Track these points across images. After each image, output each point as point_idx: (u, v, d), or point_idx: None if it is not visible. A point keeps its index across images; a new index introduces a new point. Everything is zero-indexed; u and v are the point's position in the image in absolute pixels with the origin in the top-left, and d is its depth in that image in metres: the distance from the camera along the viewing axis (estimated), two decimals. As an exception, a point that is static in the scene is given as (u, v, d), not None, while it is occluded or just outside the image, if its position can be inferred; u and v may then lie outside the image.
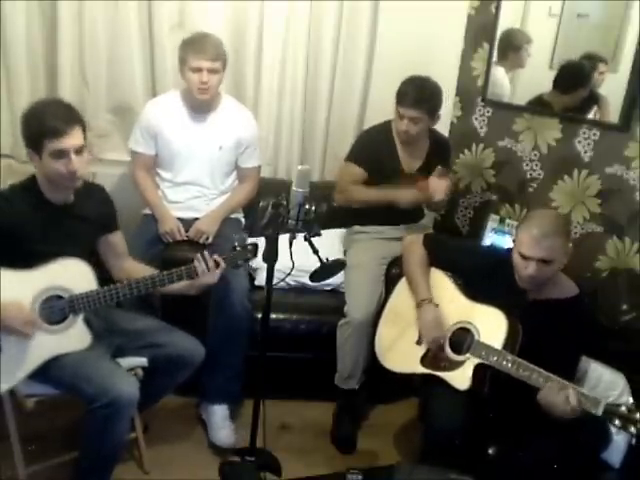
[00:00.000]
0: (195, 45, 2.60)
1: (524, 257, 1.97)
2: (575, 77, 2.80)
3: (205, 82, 2.59)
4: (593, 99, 2.72)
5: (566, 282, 2.10)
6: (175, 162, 2.78)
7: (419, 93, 2.59)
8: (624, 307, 2.37)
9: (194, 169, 2.78)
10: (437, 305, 2.24)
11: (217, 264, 2.11)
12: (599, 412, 1.75)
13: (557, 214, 2.32)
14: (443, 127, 3.18)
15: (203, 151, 2.76)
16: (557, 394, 1.82)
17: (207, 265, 2.09)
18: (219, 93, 2.76)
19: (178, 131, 2.73)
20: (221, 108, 2.77)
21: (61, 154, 1.90)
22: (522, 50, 2.99)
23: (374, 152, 2.74)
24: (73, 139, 1.91)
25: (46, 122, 1.89)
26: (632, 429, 1.69)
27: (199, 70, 2.58)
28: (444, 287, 2.29)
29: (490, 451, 2.05)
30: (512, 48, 3.03)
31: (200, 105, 2.71)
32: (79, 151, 1.93)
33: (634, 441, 1.72)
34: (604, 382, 2.13)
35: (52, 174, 1.93)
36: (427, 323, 2.21)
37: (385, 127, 2.79)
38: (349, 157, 2.80)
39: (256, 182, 2.93)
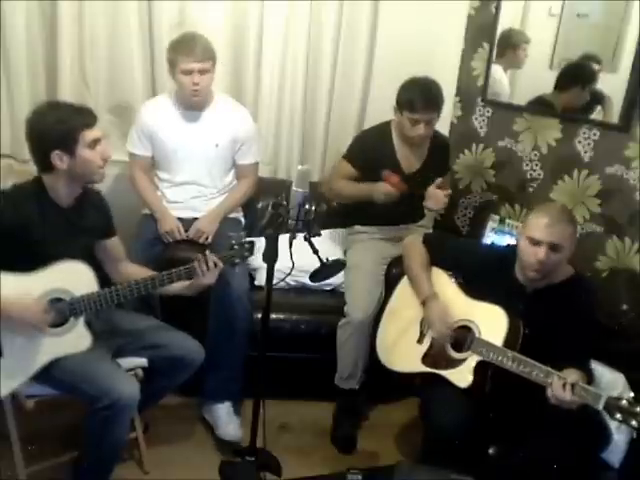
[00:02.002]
0: (183, 47, 2.60)
1: (535, 242, 1.98)
2: (572, 75, 2.80)
3: (197, 83, 2.60)
4: (597, 99, 2.72)
5: (563, 265, 2.10)
6: (172, 162, 2.78)
7: (428, 95, 2.58)
8: (624, 307, 2.36)
9: (192, 168, 2.78)
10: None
11: (215, 264, 2.11)
12: (600, 406, 1.75)
13: (565, 206, 2.35)
14: (443, 127, 3.19)
15: (199, 150, 2.76)
16: (560, 388, 1.82)
17: (207, 266, 2.10)
18: (212, 91, 2.77)
19: (173, 131, 2.74)
20: (215, 106, 2.77)
21: (96, 143, 1.98)
22: (520, 49, 2.99)
23: (372, 154, 2.73)
24: (99, 129, 2.01)
25: (77, 117, 1.96)
26: (633, 422, 1.69)
27: (190, 72, 2.58)
28: (445, 286, 2.29)
29: (490, 451, 2.05)
30: (510, 46, 3.03)
31: (194, 104, 2.71)
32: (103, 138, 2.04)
33: (635, 434, 1.72)
34: (604, 382, 2.13)
35: (87, 165, 1.97)
36: (435, 317, 2.20)
37: (384, 128, 2.78)
38: (345, 155, 2.80)
39: (255, 179, 2.93)
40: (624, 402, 1.71)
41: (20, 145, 2.97)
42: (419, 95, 2.57)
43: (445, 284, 2.30)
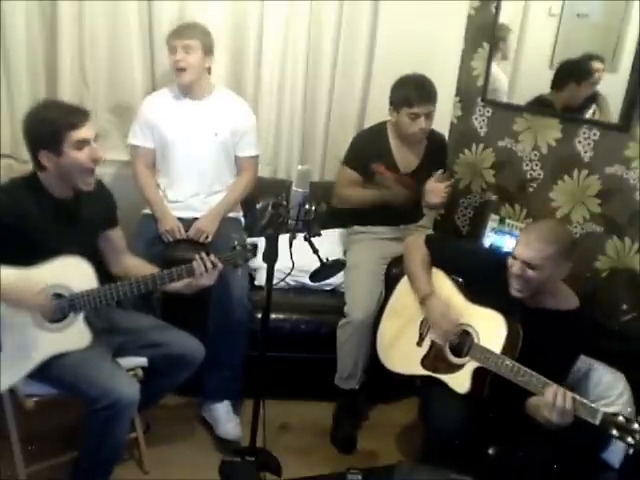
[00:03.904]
0: (173, 29, 2.73)
1: (514, 257, 1.99)
2: (566, 72, 2.80)
3: (179, 60, 2.66)
4: (592, 98, 2.72)
5: (566, 293, 2.08)
6: (172, 153, 2.79)
7: (423, 87, 2.61)
8: (624, 307, 2.36)
9: (191, 160, 2.79)
10: None
11: (214, 265, 2.11)
12: (597, 422, 1.73)
13: (561, 226, 2.33)
14: (443, 127, 3.19)
15: (199, 138, 2.77)
16: (559, 397, 1.80)
17: (205, 266, 2.10)
18: (212, 84, 2.81)
19: (173, 121, 2.76)
20: (215, 96, 2.81)
21: (83, 144, 1.95)
22: (505, 41, 3.03)
23: (368, 154, 2.74)
24: (90, 128, 1.98)
25: (64, 116, 1.94)
26: (629, 439, 1.67)
27: (174, 50, 2.67)
28: (444, 288, 2.28)
29: (490, 451, 2.04)
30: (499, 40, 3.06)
31: (193, 93, 2.75)
32: (95, 139, 2.00)
33: (631, 451, 1.70)
34: (604, 382, 2.13)
35: (75, 167, 1.95)
36: (437, 315, 2.18)
37: (379, 128, 2.79)
38: (344, 161, 2.81)
39: (254, 173, 2.93)
40: (620, 418, 1.69)
41: (20, 145, 2.97)
42: (414, 89, 2.60)
43: (444, 285, 2.29)
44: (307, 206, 2.01)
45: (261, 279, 2.73)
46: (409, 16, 3.16)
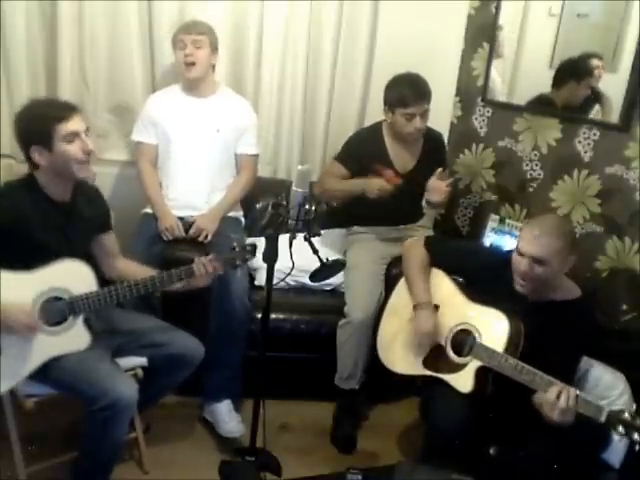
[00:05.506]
0: (182, 25, 2.78)
1: (520, 253, 1.98)
2: (566, 70, 2.80)
3: (189, 54, 2.68)
4: (595, 97, 2.72)
5: (568, 284, 2.09)
6: (174, 149, 2.79)
7: (417, 86, 2.60)
8: (624, 307, 2.36)
9: (193, 155, 2.79)
10: (436, 307, 2.24)
11: (214, 269, 2.11)
12: (602, 419, 1.74)
13: (564, 221, 2.35)
14: (443, 127, 3.19)
15: (201, 136, 2.78)
16: (555, 397, 1.81)
17: (205, 270, 2.09)
18: (216, 82, 2.82)
19: (176, 118, 2.77)
20: (219, 94, 2.83)
21: (73, 136, 1.94)
22: (498, 39, 3.05)
23: (364, 155, 2.73)
24: (79, 122, 1.97)
25: (51, 111, 1.94)
26: (635, 436, 1.68)
27: (184, 45, 2.69)
28: (445, 288, 2.28)
29: (491, 451, 2.05)
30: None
31: (199, 90, 2.77)
32: (86, 132, 1.99)
33: (637, 448, 1.70)
34: (604, 382, 2.13)
35: (68, 161, 1.94)
36: (420, 328, 2.20)
37: (375, 128, 2.79)
38: (337, 157, 2.81)
39: (254, 172, 2.93)
40: (626, 415, 1.70)
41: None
42: (408, 89, 2.59)
43: (444, 285, 2.28)
44: (307, 206, 2.01)
45: (261, 279, 2.73)
46: (409, 16, 3.16)
